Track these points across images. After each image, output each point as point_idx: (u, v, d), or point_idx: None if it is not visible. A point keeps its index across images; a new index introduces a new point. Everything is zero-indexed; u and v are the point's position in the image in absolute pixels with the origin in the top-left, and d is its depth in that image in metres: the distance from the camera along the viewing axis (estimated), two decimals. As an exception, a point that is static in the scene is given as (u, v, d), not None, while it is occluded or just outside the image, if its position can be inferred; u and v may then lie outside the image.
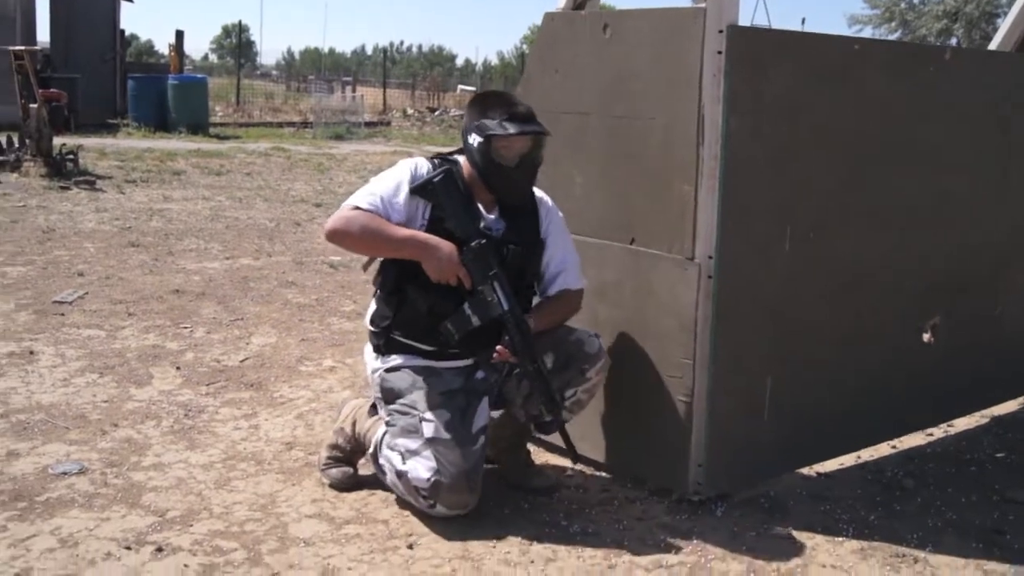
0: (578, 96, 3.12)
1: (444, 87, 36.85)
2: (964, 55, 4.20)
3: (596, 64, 3.37)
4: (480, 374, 3.25)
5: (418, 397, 3.14)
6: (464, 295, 3.10)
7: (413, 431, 3.09)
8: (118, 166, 12.10)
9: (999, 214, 4.15)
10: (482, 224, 3.16)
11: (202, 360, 4.70)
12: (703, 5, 3.02)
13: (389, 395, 3.21)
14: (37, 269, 6.45)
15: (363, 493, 3.29)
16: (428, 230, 3.12)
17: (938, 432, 4.14)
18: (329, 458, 3.37)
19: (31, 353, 4.68)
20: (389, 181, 3.16)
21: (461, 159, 3.24)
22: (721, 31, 3.01)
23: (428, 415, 3.09)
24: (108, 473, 3.40)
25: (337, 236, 3.12)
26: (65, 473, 3.38)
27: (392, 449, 3.14)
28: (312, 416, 4.03)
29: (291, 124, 21.13)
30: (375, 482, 3.34)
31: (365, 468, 3.41)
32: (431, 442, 3.04)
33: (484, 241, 3.10)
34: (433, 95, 32.55)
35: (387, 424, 3.21)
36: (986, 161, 4.03)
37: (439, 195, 3.13)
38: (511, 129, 3.07)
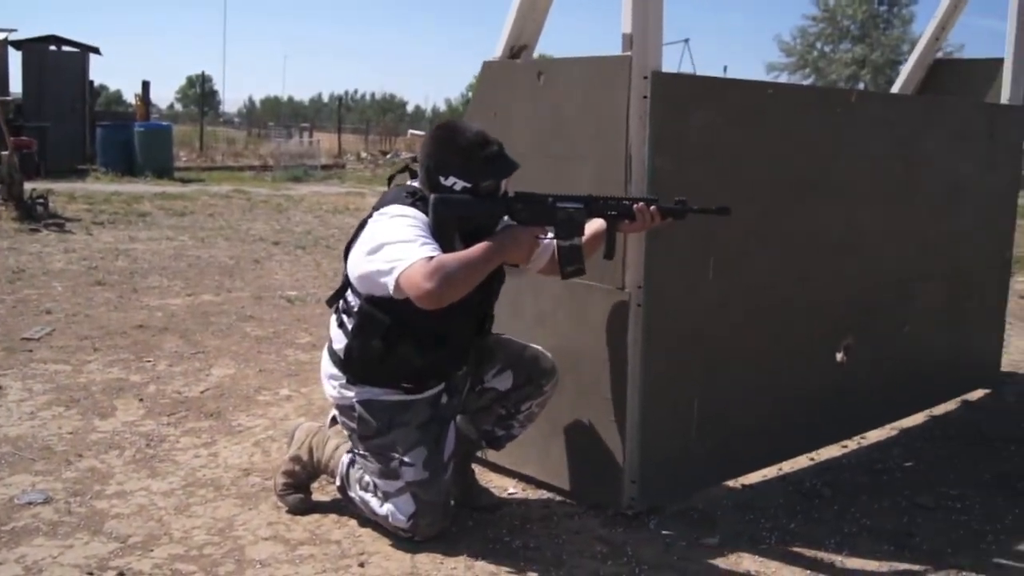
0: (515, 137, 3.09)
1: (396, 132, 36.85)
2: (868, 97, 4.27)
3: (531, 108, 3.37)
4: (445, 398, 3.07)
5: (397, 438, 2.95)
6: (467, 323, 2.97)
7: (391, 475, 2.95)
8: (87, 209, 11.88)
9: (903, 242, 4.20)
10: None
11: (164, 392, 4.60)
12: (628, 54, 3.03)
13: (364, 430, 2.98)
14: (7, 307, 6.29)
15: (317, 516, 3.22)
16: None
17: (852, 444, 4.16)
18: (285, 484, 3.28)
19: (-1, 388, 4.55)
20: (415, 227, 2.79)
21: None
22: (646, 77, 3.02)
23: (407, 457, 2.94)
24: (72, 502, 3.29)
25: (442, 292, 2.65)
26: (30, 503, 3.27)
27: (366, 490, 3.05)
28: (269, 443, 3.95)
29: (252, 168, 20.92)
30: (329, 505, 3.28)
31: (319, 492, 3.35)
32: (409, 485, 2.94)
33: (514, 193, 2.92)
34: (385, 139, 32.59)
35: (360, 457, 3.06)
36: (891, 193, 4.09)
37: (458, 210, 2.86)
38: (494, 177, 2.91)
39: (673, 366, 3.27)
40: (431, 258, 2.68)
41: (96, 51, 19.77)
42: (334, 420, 3.21)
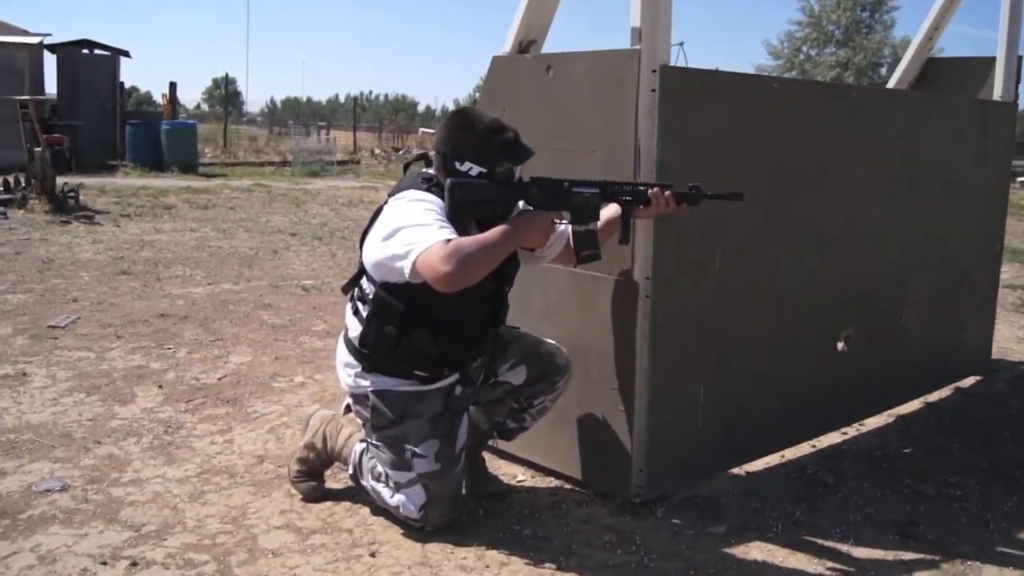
0: (524, 131, 2.89)
1: (407, 130, 36.56)
2: (870, 93, 4.05)
3: (540, 102, 3.17)
4: (459, 389, 2.85)
5: (409, 429, 2.75)
6: (483, 310, 2.79)
7: (403, 467, 2.76)
8: (115, 202, 11.70)
9: (902, 234, 4.01)
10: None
11: (183, 379, 4.42)
12: (637, 47, 2.84)
13: (378, 420, 2.79)
14: (36, 296, 6.12)
15: (329, 504, 3.05)
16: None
17: (851, 431, 3.97)
18: (299, 472, 3.11)
19: (24, 375, 4.37)
20: (432, 211, 2.59)
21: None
22: (654, 71, 2.83)
23: (419, 449, 2.74)
24: (89, 490, 3.12)
25: (459, 275, 2.45)
26: (48, 490, 3.10)
27: (379, 480, 2.87)
28: (283, 430, 3.77)
29: (272, 163, 20.68)
30: (341, 492, 3.11)
31: (332, 479, 3.18)
32: (421, 476, 2.75)
33: (530, 178, 2.71)
34: (397, 137, 32.35)
35: (372, 446, 2.86)
36: (890, 187, 3.90)
37: (474, 195, 2.65)
38: (510, 162, 2.71)
39: (680, 356, 3.08)
40: (448, 241, 2.47)
41: (126, 54, 19.53)
42: (348, 408, 3.01)
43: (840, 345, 3.76)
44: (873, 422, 4.09)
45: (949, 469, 3.58)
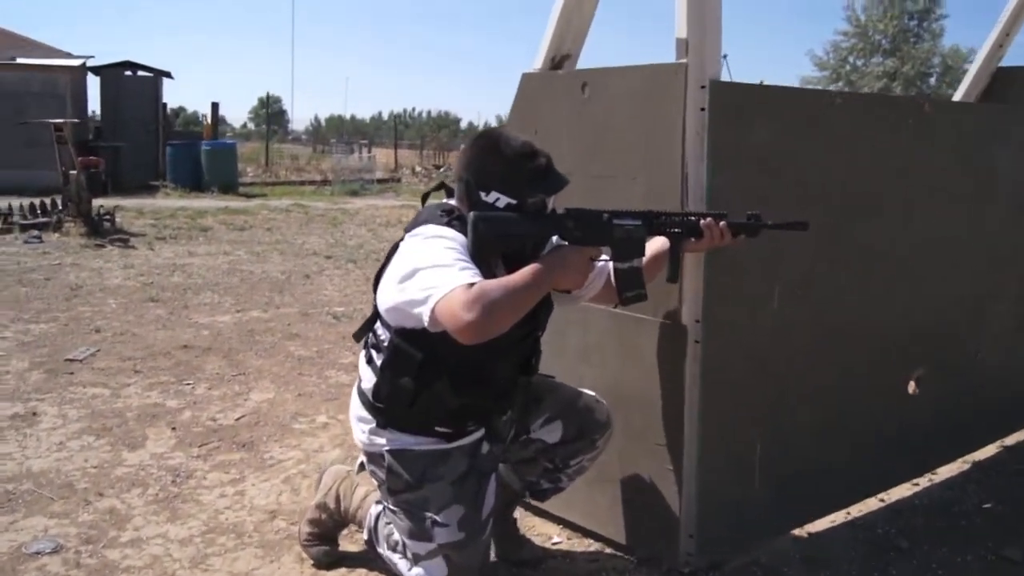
0: (557, 155, 2.56)
1: (449, 147, 36.37)
2: (940, 107, 3.67)
3: (575, 123, 2.85)
4: (486, 447, 2.50)
5: (429, 493, 2.38)
6: (507, 359, 2.42)
7: (422, 536, 2.39)
8: (152, 224, 11.58)
9: (975, 260, 3.62)
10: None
11: (198, 419, 4.15)
12: (684, 61, 2.51)
13: (394, 483, 2.42)
14: (59, 326, 5.91)
15: (343, 570, 2.75)
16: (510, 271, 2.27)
17: (923, 481, 3.58)
18: (310, 534, 2.81)
19: (34, 415, 4.13)
20: (453, 249, 2.23)
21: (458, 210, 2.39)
22: (704, 87, 2.49)
23: (440, 517, 2.36)
24: (83, 552, 2.85)
25: (484, 323, 2.08)
26: (39, 552, 2.83)
27: (395, 550, 2.52)
28: (299, 480, 3.47)
29: (312, 183, 20.61)
30: (357, 557, 2.80)
31: (348, 540, 2.87)
32: (442, 547, 2.37)
33: (563, 211, 2.36)
34: (439, 154, 32.16)
35: (390, 511, 2.51)
36: (961, 209, 3.52)
37: (501, 230, 2.30)
38: (543, 192, 2.35)
39: (735, 406, 2.74)
40: (472, 285, 2.10)
41: (168, 75, 19.59)
42: (363, 466, 2.67)
43: (911, 387, 3.38)
44: (946, 470, 3.70)
45: (1037, 528, 3.19)
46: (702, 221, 2.40)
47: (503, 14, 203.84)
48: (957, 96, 4.74)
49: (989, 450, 3.94)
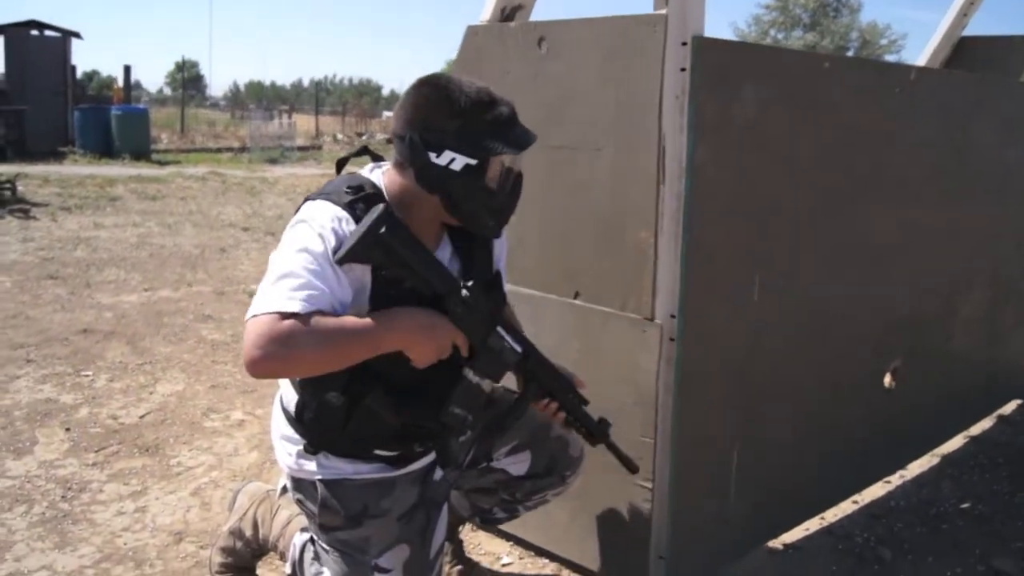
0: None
1: (371, 114, 35.55)
2: (927, 75, 3.35)
3: (530, 85, 2.44)
4: (439, 473, 2.05)
5: (371, 532, 1.93)
6: (451, 368, 1.88)
7: None
8: (57, 193, 10.79)
9: (952, 244, 3.34)
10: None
11: (97, 417, 3.66)
12: (663, 12, 2.11)
13: (329, 519, 1.95)
14: (-58, 307, 5.30)
15: (260, 608, 2.33)
16: (375, 299, 1.80)
17: (895, 479, 3.31)
18: (223, 564, 2.37)
19: (-97, 414, 3.60)
20: (310, 255, 1.72)
21: (379, 179, 1.90)
22: (685, 43, 2.11)
23: (382, 561, 1.93)
24: (-54, 591, 2.38)
25: (271, 368, 1.66)
26: None
27: None
28: (210, 491, 3.03)
29: (230, 149, 19.70)
30: (276, 590, 2.39)
31: (265, 566, 2.46)
32: None
33: (470, 284, 1.86)
34: (361, 121, 31.32)
35: (321, 549, 2.04)
36: (942, 188, 3.22)
37: (396, 250, 1.76)
38: (509, 147, 1.85)
39: (711, 412, 2.39)
40: (287, 316, 1.65)
41: (77, 35, 18.45)
42: (286, 489, 2.20)
43: (888, 380, 3.09)
44: (916, 466, 3.44)
45: (1021, 531, 2.93)
46: (545, 401, 2.03)
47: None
48: (920, 61, 4.47)
49: (956, 442, 3.69)
